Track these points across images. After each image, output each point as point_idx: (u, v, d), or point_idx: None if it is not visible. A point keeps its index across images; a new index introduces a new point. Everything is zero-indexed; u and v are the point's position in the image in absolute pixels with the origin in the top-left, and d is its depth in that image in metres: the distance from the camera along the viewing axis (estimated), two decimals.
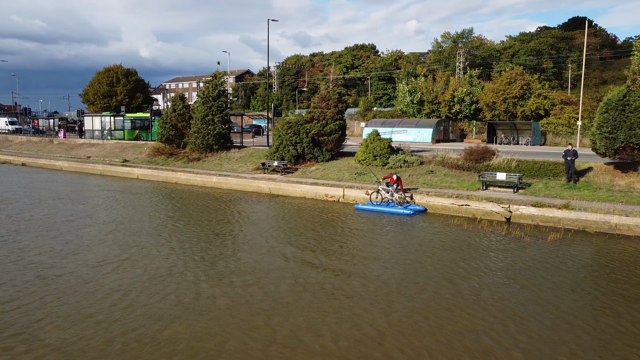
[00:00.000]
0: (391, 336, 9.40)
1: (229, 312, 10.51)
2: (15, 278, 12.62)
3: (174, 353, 8.70)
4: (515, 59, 74.09)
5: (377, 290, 11.99)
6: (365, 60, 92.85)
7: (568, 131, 43.60)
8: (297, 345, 9.01)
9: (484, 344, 9.11)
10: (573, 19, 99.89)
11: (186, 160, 37.44)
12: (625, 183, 21.96)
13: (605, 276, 13.28)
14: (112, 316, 10.20)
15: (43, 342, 9.07)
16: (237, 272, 13.31)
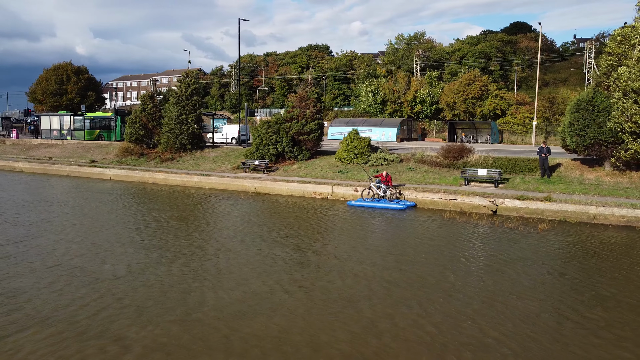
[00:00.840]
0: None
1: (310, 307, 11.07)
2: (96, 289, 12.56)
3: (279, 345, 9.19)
4: (464, 62, 77.40)
5: (436, 283, 12.88)
6: (320, 61, 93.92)
7: (523, 130, 46.36)
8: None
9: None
10: (514, 24, 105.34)
11: (159, 161, 36.99)
12: (594, 177, 24.01)
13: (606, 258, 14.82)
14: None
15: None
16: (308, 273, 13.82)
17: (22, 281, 12.29)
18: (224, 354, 8.68)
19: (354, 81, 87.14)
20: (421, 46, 79.78)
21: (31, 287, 11.90)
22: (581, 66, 79.49)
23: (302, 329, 9.64)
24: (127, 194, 28.15)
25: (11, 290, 11.63)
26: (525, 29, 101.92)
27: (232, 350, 8.80)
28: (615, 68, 23.40)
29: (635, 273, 13.41)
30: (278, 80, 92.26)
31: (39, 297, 11.24)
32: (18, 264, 13.82)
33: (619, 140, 22.95)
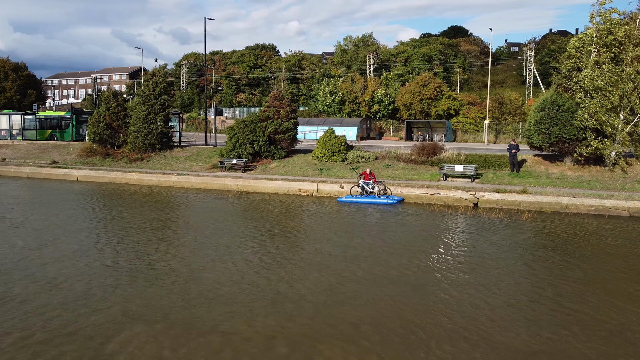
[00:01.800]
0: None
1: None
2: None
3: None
4: (409, 63, 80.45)
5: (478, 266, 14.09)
6: (268, 60, 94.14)
7: (475, 129, 49.23)
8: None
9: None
10: (453, 27, 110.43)
11: (127, 161, 36.27)
12: (558, 171, 26.39)
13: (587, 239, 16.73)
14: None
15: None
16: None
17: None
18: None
19: (304, 81, 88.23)
20: (369, 48, 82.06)
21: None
22: (517, 69, 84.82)
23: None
24: (111, 195, 27.67)
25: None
26: (462, 32, 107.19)
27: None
28: (575, 71, 25.85)
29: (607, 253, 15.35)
30: (226, 79, 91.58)
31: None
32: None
33: (580, 137, 25.39)
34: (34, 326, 9.68)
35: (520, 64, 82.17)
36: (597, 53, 25.03)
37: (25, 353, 8.65)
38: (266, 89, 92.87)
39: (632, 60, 24.13)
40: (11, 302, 10.95)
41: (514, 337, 9.32)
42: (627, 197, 21.81)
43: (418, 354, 8.67)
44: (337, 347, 8.94)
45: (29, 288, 11.86)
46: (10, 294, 11.42)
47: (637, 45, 24.03)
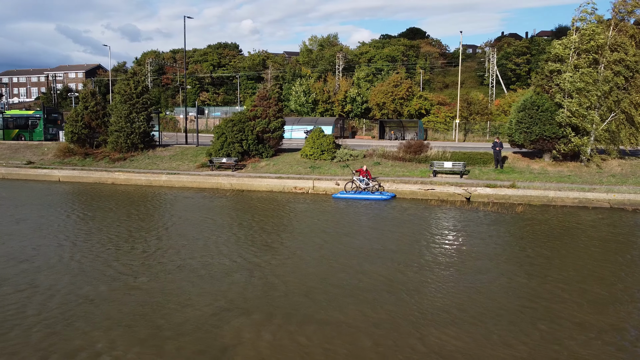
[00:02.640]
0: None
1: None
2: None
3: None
4: (372, 64, 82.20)
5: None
6: (231, 59, 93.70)
7: (445, 128, 51.19)
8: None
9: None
10: (411, 29, 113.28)
11: (109, 161, 35.71)
12: (539, 167, 28.20)
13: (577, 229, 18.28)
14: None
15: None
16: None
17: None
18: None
19: (268, 80, 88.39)
20: (334, 48, 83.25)
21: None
22: (476, 70, 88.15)
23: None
24: (109, 196, 27.33)
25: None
26: (421, 34, 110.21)
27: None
28: (555, 73, 27.69)
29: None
30: (189, 78, 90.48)
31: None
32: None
33: (560, 135, 27.26)
34: (157, 321, 9.97)
35: (480, 66, 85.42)
36: (578, 57, 26.86)
37: (155, 345, 9.01)
38: (230, 88, 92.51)
39: (610, 63, 26.08)
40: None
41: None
42: (607, 190, 23.70)
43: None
44: (436, 330, 9.75)
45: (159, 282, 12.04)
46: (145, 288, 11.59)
47: (613, 50, 25.99)
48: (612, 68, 25.85)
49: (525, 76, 78.08)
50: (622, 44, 25.79)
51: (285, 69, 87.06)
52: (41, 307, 10.65)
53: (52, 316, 10.16)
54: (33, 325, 9.71)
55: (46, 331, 9.48)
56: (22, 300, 10.99)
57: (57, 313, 10.31)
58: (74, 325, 9.76)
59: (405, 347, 8.91)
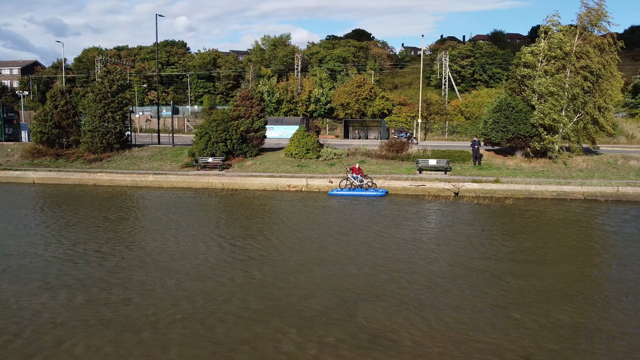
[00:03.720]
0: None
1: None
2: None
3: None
4: (324, 64, 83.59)
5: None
6: (180, 58, 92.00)
7: (406, 127, 53.31)
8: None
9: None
10: (356, 31, 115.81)
11: (84, 162, 34.70)
12: (514, 163, 30.54)
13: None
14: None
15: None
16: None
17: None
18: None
19: (220, 80, 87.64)
20: (286, 48, 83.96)
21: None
22: (423, 71, 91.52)
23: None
24: (109, 198, 26.81)
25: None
26: (366, 35, 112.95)
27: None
28: (527, 78, 30.09)
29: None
30: (136, 77, 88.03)
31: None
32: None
33: (533, 134, 29.68)
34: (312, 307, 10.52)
35: (427, 67, 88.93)
36: (547, 63, 29.34)
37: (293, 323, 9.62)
38: (180, 87, 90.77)
39: (576, 69, 28.70)
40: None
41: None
42: (581, 184, 26.25)
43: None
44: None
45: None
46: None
47: (579, 57, 28.63)
48: (580, 73, 28.47)
49: (470, 78, 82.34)
50: (587, 52, 28.46)
51: (237, 68, 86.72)
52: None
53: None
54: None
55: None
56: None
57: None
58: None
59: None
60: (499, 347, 9.06)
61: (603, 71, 28.32)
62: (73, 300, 11.25)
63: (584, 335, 9.63)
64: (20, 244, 16.12)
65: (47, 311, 10.62)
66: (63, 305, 10.99)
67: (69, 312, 10.59)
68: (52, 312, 10.56)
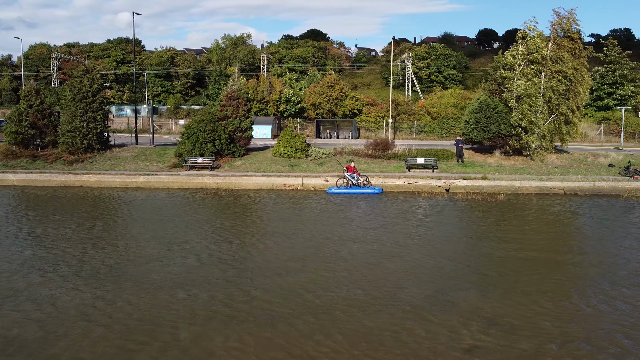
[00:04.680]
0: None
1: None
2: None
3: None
4: (284, 64, 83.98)
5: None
6: (136, 56, 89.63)
7: (376, 127, 54.79)
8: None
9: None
10: (312, 31, 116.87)
11: (64, 163, 33.65)
12: (494, 161, 32.38)
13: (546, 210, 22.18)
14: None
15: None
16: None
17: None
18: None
19: (178, 79, 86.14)
20: (247, 47, 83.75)
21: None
22: (380, 72, 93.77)
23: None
24: (110, 201, 26.28)
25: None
26: (322, 36, 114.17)
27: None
28: (507, 80, 31.96)
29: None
30: (90, 75, 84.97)
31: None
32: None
33: (512, 133, 31.60)
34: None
35: (384, 68, 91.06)
36: (526, 66, 31.29)
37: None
38: (137, 85, 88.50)
39: (552, 73, 30.80)
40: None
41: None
42: (561, 180, 28.35)
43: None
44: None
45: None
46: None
47: (555, 62, 30.75)
48: (555, 77, 30.60)
49: (426, 79, 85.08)
50: (561, 57, 30.64)
51: (197, 67, 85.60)
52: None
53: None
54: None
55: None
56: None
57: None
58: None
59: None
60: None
61: (575, 75, 30.55)
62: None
63: None
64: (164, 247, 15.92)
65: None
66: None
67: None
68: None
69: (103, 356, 8.98)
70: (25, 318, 10.46)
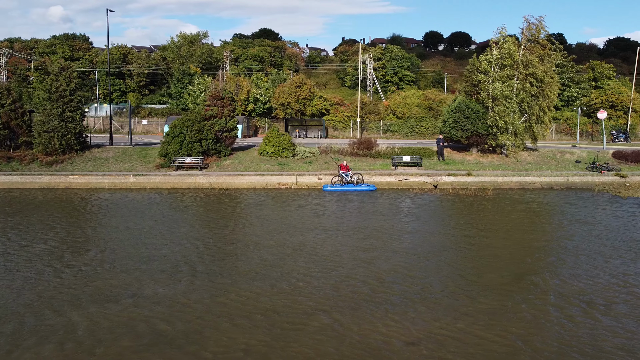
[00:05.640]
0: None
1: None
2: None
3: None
4: (240, 63, 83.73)
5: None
6: (85, 53, 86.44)
7: (343, 126, 56.00)
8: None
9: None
10: (263, 30, 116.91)
11: (42, 164, 32.43)
12: (473, 158, 34.25)
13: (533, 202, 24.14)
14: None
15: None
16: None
17: None
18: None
19: (131, 77, 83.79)
20: (204, 46, 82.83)
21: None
22: (335, 72, 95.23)
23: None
24: (116, 203, 25.70)
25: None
26: (273, 35, 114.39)
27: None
28: (483, 83, 33.89)
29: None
30: (36, 71, 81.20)
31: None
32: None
33: (488, 132, 33.58)
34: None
35: (340, 69, 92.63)
36: (500, 70, 33.32)
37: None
38: (87, 83, 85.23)
39: (524, 76, 32.98)
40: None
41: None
42: (539, 175, 30.57)
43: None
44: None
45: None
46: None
47: (526, 66, 32.94)
48: (527, 79, 32.81)
49: (382, 79, 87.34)
50: (531, 61, 32.89)
51: (151, 65, 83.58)
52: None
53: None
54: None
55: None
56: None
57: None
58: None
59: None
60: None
61: (546, 77, 32.90)
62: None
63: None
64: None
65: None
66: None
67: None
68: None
69: None
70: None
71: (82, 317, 10.76)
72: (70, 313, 10.95)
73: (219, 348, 9.48)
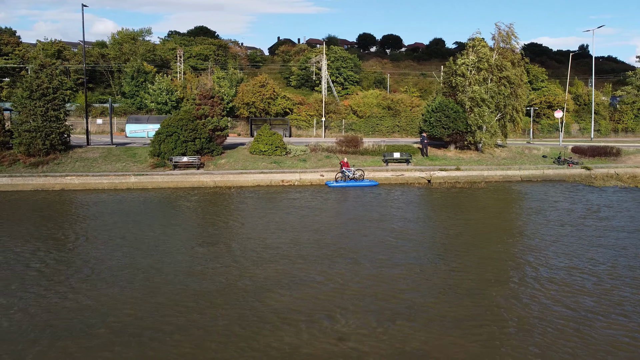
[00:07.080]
0: None
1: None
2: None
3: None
4: (186, 62, 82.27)
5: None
6: (15, 48, 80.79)
7: (307, 125, 57.07)
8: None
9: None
10: (200, 28, 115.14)
11: (25, 165, 30.75)
12: (453, 154, 36.74)
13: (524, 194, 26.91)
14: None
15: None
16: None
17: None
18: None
19: (68, 74, 79.54)
20: (149, 43, 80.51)
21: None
22: (279, 72, 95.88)
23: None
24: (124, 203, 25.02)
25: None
26: (210, 33, 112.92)
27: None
28: (461, 85, 36.45)
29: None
30: None
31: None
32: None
33: (467, 131, 36.20)
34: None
35: (283, 68, 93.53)
36: (477, 73, 36.01)
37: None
38: (18, 79, 79.69)
39: (499, 79, 35.90)
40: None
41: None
42: (518, 169, 33.51)
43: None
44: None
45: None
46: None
47: (500, 70, 35.88)
48: (502, 82, 35.77)
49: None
50: (504, 65, 35.92)
51: (90, 62, 79.95)
52: None
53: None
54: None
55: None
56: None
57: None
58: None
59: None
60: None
61: (518, 80, 36.06)
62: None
63: None
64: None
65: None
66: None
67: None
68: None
69: None
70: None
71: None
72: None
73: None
